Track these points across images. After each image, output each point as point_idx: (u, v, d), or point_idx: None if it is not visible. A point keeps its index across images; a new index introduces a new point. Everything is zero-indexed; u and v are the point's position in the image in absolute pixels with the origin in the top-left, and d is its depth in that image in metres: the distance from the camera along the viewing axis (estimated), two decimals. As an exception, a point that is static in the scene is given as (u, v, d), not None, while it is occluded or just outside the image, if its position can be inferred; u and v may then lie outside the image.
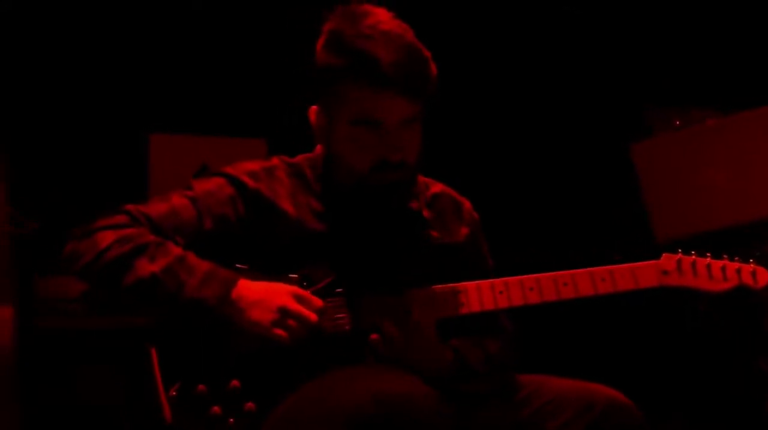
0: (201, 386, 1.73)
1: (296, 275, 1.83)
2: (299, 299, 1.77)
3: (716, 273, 1.97)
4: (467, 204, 2.13)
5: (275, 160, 2.01)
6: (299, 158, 2.04)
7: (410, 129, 1.86)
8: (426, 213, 2.03)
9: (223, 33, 3.71)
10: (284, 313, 1.74)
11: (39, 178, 3.37)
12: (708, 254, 1.99)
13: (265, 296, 1.75)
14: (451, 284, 1.88)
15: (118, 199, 3.35)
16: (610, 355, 3.54)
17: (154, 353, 1.75)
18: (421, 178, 2.09)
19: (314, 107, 1.94)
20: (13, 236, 2.33)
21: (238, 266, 1.82)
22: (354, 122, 1.85)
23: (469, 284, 1.89)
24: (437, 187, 2.11)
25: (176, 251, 1.79)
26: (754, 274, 1.97)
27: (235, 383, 1.74)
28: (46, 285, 2.60)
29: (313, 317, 1.75)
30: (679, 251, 1.98)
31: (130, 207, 1.86)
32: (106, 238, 1.79)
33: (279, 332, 1.73)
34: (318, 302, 1.78)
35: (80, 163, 3.58)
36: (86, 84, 3.64)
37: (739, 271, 1.97)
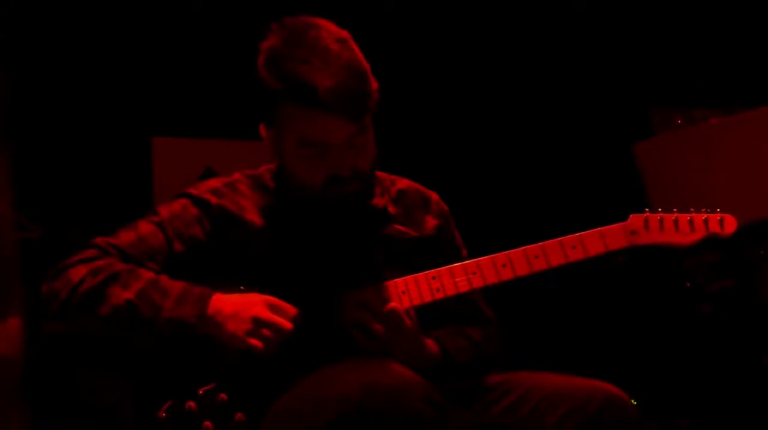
0: (190, 403, 1.77)
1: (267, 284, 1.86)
2: (273, 308, 1.79)
3: (683, 226, 1.98)
4: (434, 196, 2.14)
5: (237, 175, 2.05)
6: (261, 169, 2.07)
7: (358, 143, 1.87)
8: (391, 209, 2.05)
9: (225, 35, 3.69)
10: (258, 323, 1.76)
11: (43, 182, 3.37)
12: (675, 210, 2.01)
13: (239, 308, 1.78)
14: (423, 272, 1.90)
15: (123, 202, 3.40)
16: (616, 356, 3.55)
17: None
18: (386, 176, 2.12)
19: (262, 124, 1.96)
20: (19, 241, 2.35)
21: (242, 288, 1.85)
22: (299, 144, 1.86)
23: (442, 269, 1.91)
24: (403, 182, 2.13)
25: (148, 275, 1.83)
26: (721, 221, 1.99)
27: (222, 396, 1.78)
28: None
29: (287, 325, 1.78)
30: (646, 209, 2.00)
31: (98, 240, 1.90)
32: (79, 272, 1.83)
33: (254, 342, 1.75)
34: (292, 309, 1.80)
35: (84, 166, 3.55)
36: (89, 88, 3.63)
37: (706, 221, 1.98)
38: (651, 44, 4.01)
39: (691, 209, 2.01)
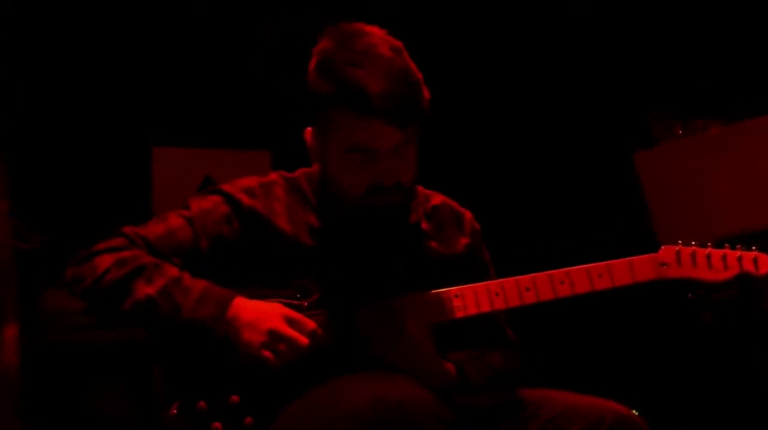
0: (201, 403, 1.78)
1: (290, 289, 1.86)
2: (291, 322, 1.78)
3: (716, 262, 1.94)
4: (468, 215, 2.12)
5: (274, 176, 2.03)
6: (298, 173, 2.05)
7: (404, 152, 1.85)
8: (424, 225, 2.03)
9: (226, 45, 3.73)
10: (274, 336, 1.76)
11: (42, 191, 3.40)
12: (709, 244, 1.96)
13: (257, 317, 1.78)
14: (446, 289, 1.89)
15: (122, 212, 3.44)
16: (618, 367, 3.52)
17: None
18: (422, 190, 2.10)
19: (309, 128, 1.94)
20: (17, 250, 2.39)
21: (264, 291, 1.85)
22: (346, 149, 1.85)
23: (465, 288, 1.90)
24: (438, 199, 2.11)
25: (172, 272, 1.83)
26: (755, 260, 1.95)
27: (234, 398, 1.79)
28: (51, 299, 2.66)
29: (303, 340, 1.77)
30: (679, 242, 1.96)
31: (127, 229, 1.90)
32: (105, 261, 1.83)
33: (267, 355, 1.75)
34: (311, 324, 1.79)
35: (83, 176, 3.60)
36: (89, 97, 3.67)
37: (740, 259, 1.94)
38: (652, 53, 3.97)
39: (726, 245, 1.96)
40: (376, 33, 1.88)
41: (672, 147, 3.25)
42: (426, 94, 1.88)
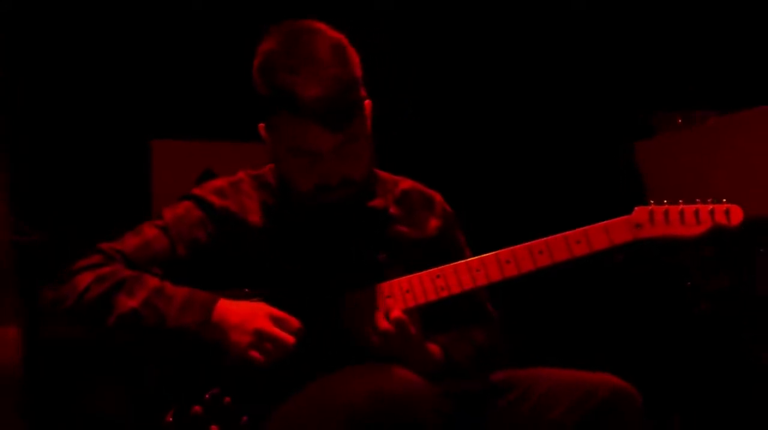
0: (196, 408, 1.79)
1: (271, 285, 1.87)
2: (276, 321, 1.79)
3: (689, 218, 1.96)
4: (438, 197, 2.13)
5: (240, 174, 2.05)
6: (264, 169, 2.06)
7: (348, 151, 1.86)
8: (393, 210, 2.04)
9: (225, 37, 3.70)
10: (260, 336, 1.77)
11: (41, 186, 3.37)
12: (681, 201, 1.98)
13: (242, 318, 1.79)
14: (427, 271, 1.90)
15: (121, 205, 3.41)
16: (615, 354, 3.54)
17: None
18: (389, 176, 2.11)
19: (261, 124, 1.96)
20: (17, 246, 2.37)
21: (246, 291, 1.87)
22: (289, 151, 1.87)
23: (446, 267, 1.90)
24: (406, 183, 2.11)
25: (153, 282, 1.84)
26: (727, 212, 1.96)
27: (227, 399, 1.80)
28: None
29: (290, 339, 1.78)
30: (651, 202, 1.98)
31: (103, 246, 1.91)
32: (85, 279, 1.84)
33: (254, 354, 1.77)
34: (295, 322, 1.81)
35: (82, 169, 3.57)
36: (88, 90, 3.63)
37: (712, 212, 1.96)
38: (652, 45, 3.98)
39: (697, 200, 1.98)
40: (317, 30, 1.89)
41: (671, 137, 3.29)
42: (362, 93, 1.89)
